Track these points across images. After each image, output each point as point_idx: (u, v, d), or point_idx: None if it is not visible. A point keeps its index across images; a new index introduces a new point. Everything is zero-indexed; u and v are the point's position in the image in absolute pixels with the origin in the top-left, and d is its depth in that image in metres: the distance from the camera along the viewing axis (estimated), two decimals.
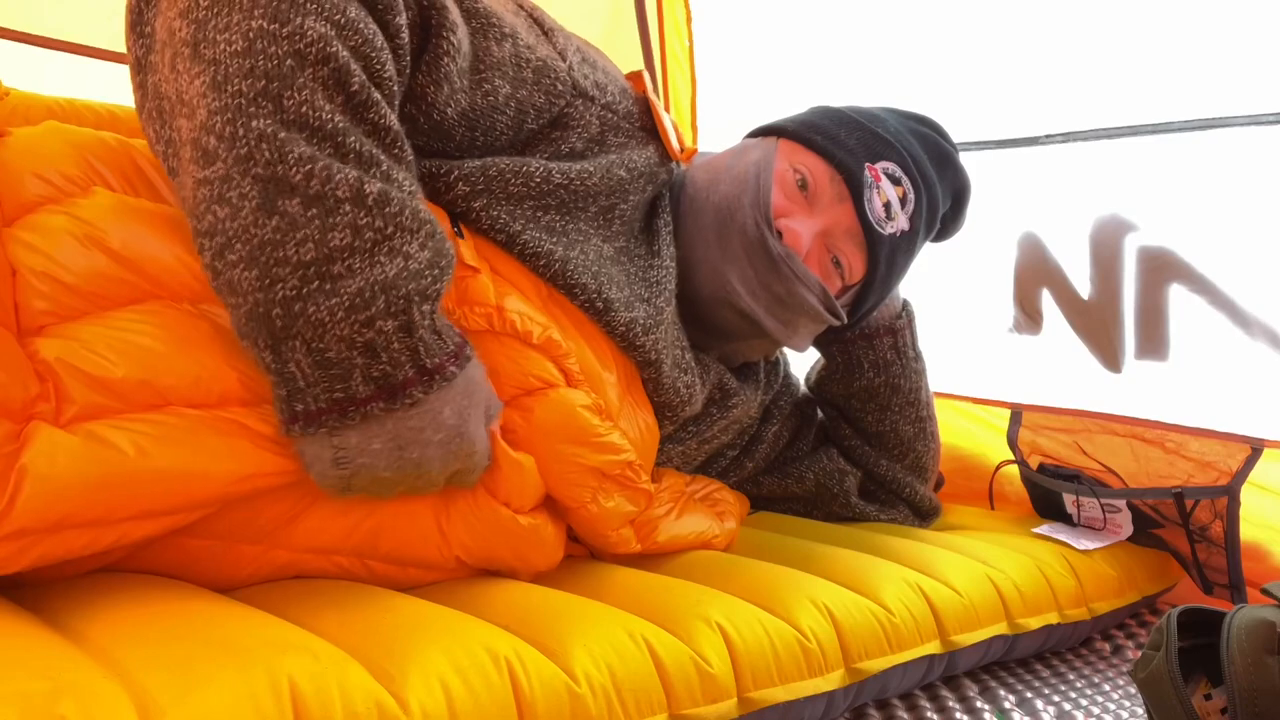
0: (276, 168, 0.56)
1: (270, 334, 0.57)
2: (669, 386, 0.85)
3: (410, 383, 0.59)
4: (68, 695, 0.45)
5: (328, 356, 0.57)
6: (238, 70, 0.56)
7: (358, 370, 0.58)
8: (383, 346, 0.58)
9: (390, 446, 0.60)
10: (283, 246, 0.56)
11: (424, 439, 0.61)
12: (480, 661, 0.55)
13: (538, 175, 0.76)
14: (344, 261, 0.57)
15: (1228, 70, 0.97)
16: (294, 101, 0.56)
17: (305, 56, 0.57)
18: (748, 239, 0.86)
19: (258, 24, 0.56)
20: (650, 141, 0.85)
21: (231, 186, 0.56)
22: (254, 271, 0.56)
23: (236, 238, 0.56)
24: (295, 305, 0.56)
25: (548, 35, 0.78)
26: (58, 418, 0.57)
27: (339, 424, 0.59)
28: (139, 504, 0.57)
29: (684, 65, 1.55)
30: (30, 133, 0.68)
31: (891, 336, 1.04)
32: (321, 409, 0.58)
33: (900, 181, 0.90)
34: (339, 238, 0.57)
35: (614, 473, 0.76)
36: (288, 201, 0.56)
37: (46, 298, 0.60)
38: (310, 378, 0.58)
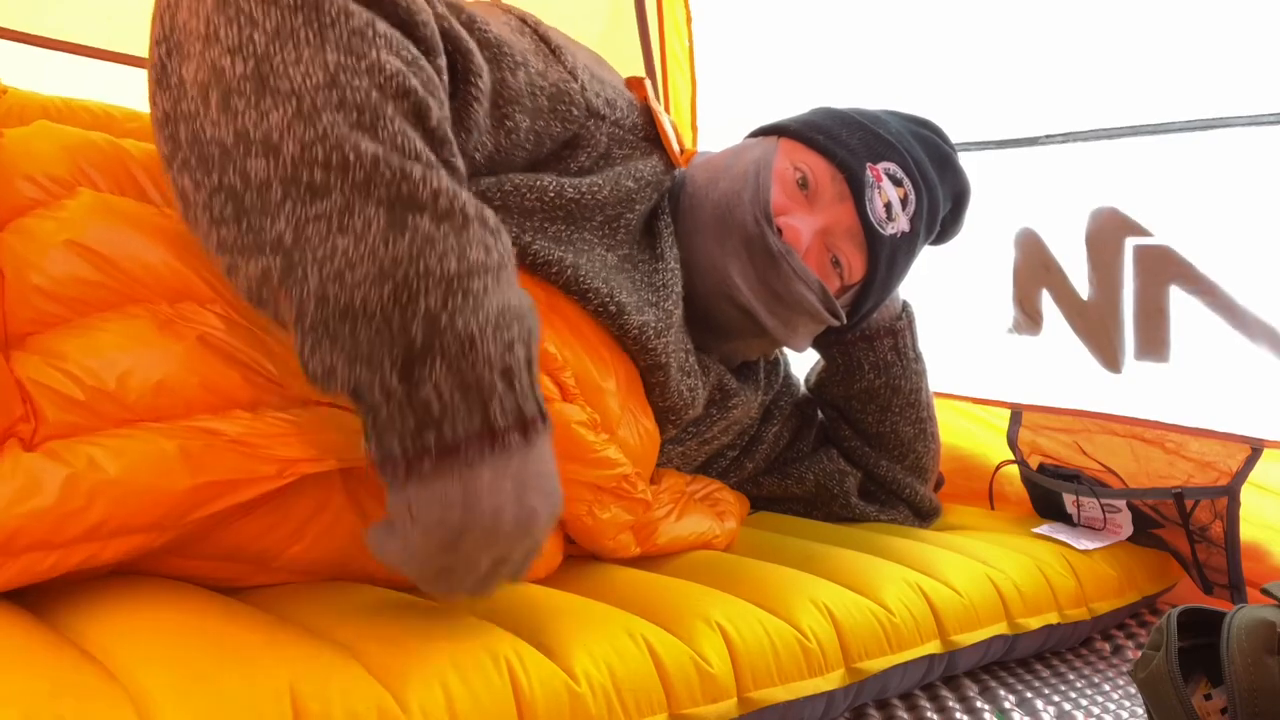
0: (401, 186, 0.53)
1: (406, 351, 0.51)
2: (675, 390, 0.85)
3: (535, 420, 0.55)
4: (68, 696, 0.45)
5: (469, 380, 0.52)
6: (325, 101, 0.53)
7: (497, 397, 0.53)
8: (518, 374, 0.54)
9: (517, 489, 0.54)
10: (423, 259, 0.52)
11: (541, 485, 0.55)
12: (480, 661, 0.55)
13: (551, 190, 0.76)
14: (482, 279, 0.54)
15: (1228, 70, 0.97)
16: (389, 131, 0.54)
17: (386, 90, 0.55)
18: (747, 235, 0.86)
19: (334, 57, 0.54)
20: (654, 150, 0.85)
21: (354, 214, 0.52)
22: (387, 287, 0.51)
23: (361, 259, 0.52)
24: (442, 318, 0.52)
25: (556, 54, 0.77)
26: (32, 438, 0.57)
27: (477, 457, 0.52)
28: (93, 521, 0.56)
29: (684, 65, 1.55)
30: (21, 134, 0.68)
31: (892, 338, 1.04)
32: (460, 439, 0.52)
33: (901, 182, 0.90)
34: (476, 254, 0.54)
35: (610, 486, 0.76)
36: (418, 218, 0.53)
37: (30, 305, 0.60)
38: (449, 403, 0.52)
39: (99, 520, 0.55)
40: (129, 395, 0.59)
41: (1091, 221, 1.08)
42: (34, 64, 1.13)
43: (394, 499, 0.54)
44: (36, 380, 0.58)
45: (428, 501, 0.52)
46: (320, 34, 0.55)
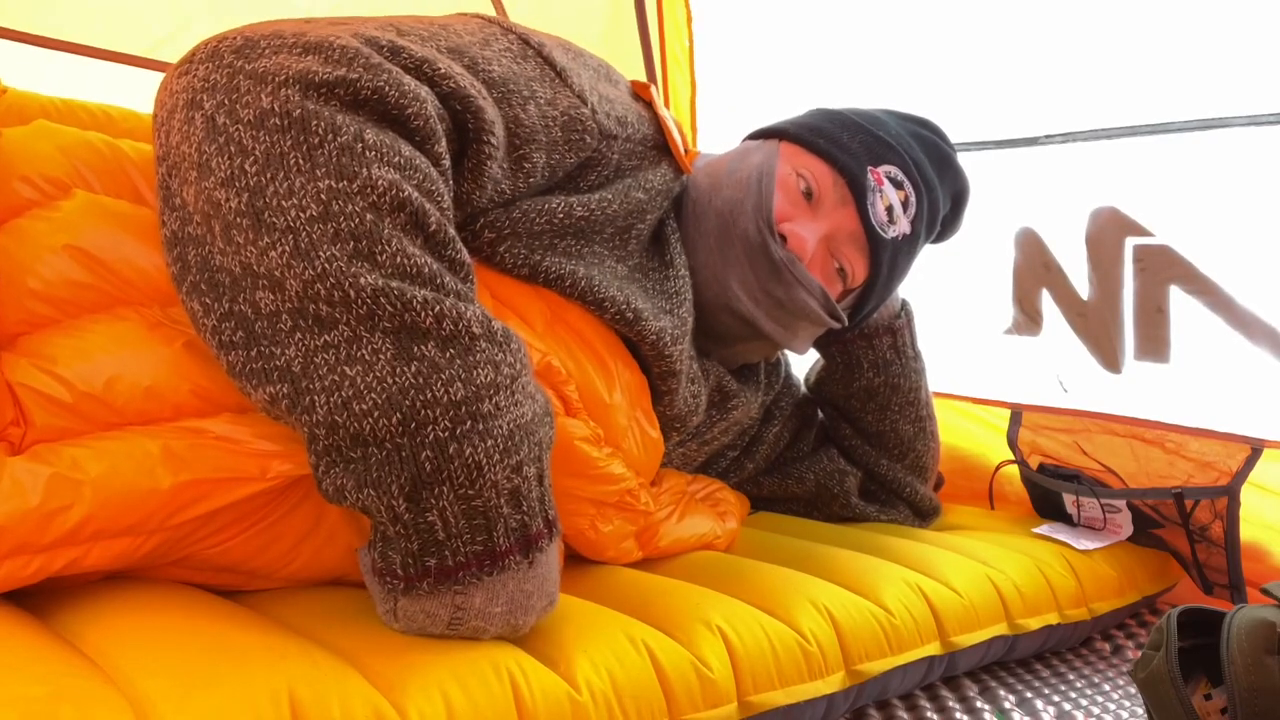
0: (404, 316, 0.54)
1: (413, 480, 0.53)
2: (682, 399, 0.85)
3: (541, 535, 0.57)
4: (66, 700, 0.45)
5: (475, 505, 0.54)
6: (321, 235, 0.54)
7: (502, 520, 0.55)
8: (525, 494, 0.56)
9: (507, 609, 0.56)
10: (429, 388, 0.53)
11: (531, 604, 0.58)
12: (481, 671, 0.55)
13: (560, 211, 0.76)
14: (491, 399, 0.55)
15: (1227, 71, 0.97)
16: (387, 254, 0.54)
17: (381, 208, 0.55)
18: (749, 244, 0.86)
19: (325, 184, 0.54)
20: (663, 158, 0.85)
21: (362, 345, 0.53)
22: (395, 417, 0.53)
23: (370, 389, 0.53)
24: (450, 447, 0.53)
25: (561, 77, 0.75)
26: (21, 442, 0.57)
27: (475, 579, 0.55)
28: (73, 522, 0.55)
29: (684, 65, 1.55)
30: (19, 134, 0.68)
31: (891, 336, 1.04)
32: (460, 563, 0.54)
33: (902, 185, 0.90)
34: (483, 375, 0.55)
35: (612, 501, 0.76)
36: (423, 346, 0.54)
37: (22, 307, 0.60)
38: (453, 529, 0.54)
39: (80, 521, 0.55)
40: (117, 399, 0.59)
41: (1091, 221, 1.08)
42: (34, 64, 1.13)
43: (382, 597, 0.57)
44: (26, 384, 0.58)
45: (415, 613, 0.56)
46: (310, 157, 0.55)
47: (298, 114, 0.55)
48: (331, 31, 0.61)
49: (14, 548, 0.54)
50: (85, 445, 0.57)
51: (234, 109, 0.56)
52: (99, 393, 0.59)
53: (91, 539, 0.56)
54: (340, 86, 0.57)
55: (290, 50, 0.58)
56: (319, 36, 0.60)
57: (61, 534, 0.55)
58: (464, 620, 0.56)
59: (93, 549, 0.57)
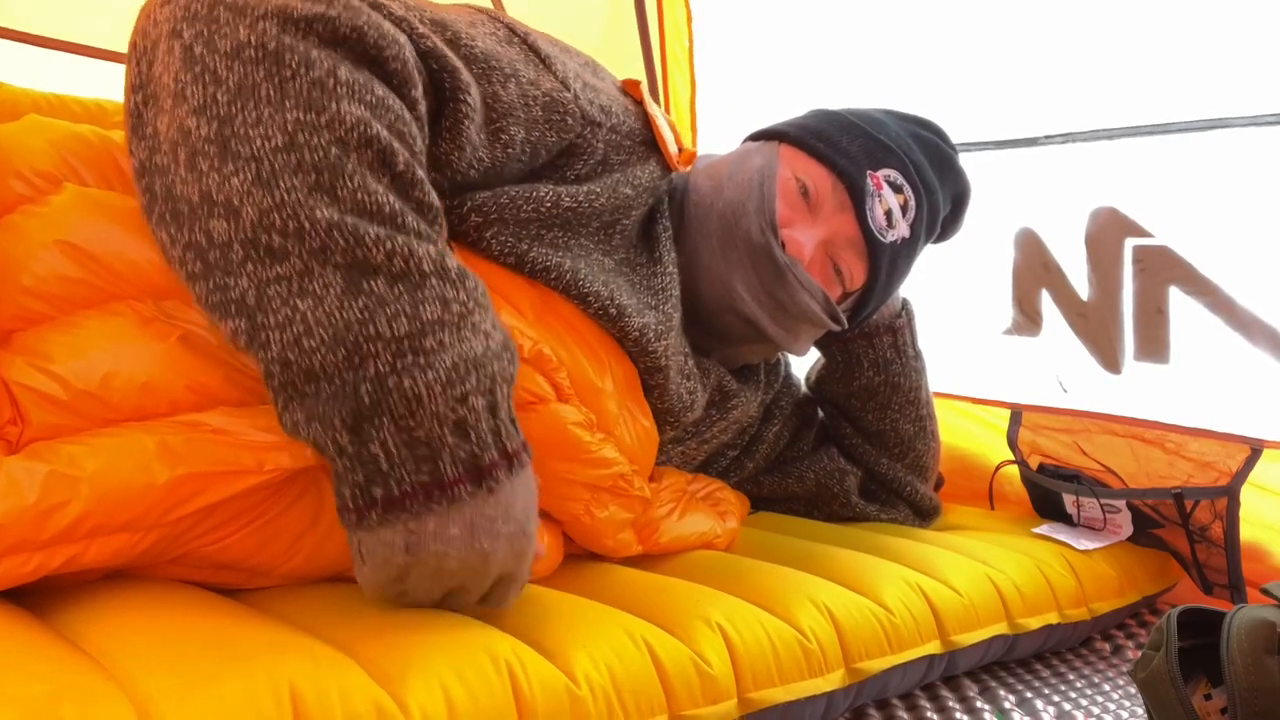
0: (356, 252, 0.55)
1: (354, 413, 0.54)
2: (674, 393, 0.85)
3: (495, 465, 0.57)
4: (67, 698, 0.45)
5: (417, 435, 0.55)
6: (284, 165, 0.55)
7: (447, 449, 0.56)
8: (473, 425, 0.56)
9: (465, 534, 0.57)
10: (373, 323, 0.54)
11: (495, 530, 0.58)
12: (480, 664, 0.55)
13: (548, 200, 0.76)
14: (435, 335, 0.56)
15: (1227, 71, 0.97)
16: (348, 190, 0.55)
17: (348, 142, 0.56)
18: (753, 247, 0.86)
19: (293, 115, 0.55)
20: (651, 155, 0.85)
21: (312, 278, 0.54)
22: (340, 352, 0.54)
23: (318, 324, 0.54)
24: (389, 380, 0.54)
25: (546, 64, 0.76)
26: (18, 440, 0.57)
27: (423, 509, 0.56)
28: (70, 519, 0.55)
29: (684, 66, 1.55)
30: (10, 129, 0.68)
31: (891, 335, 1.04)
32: (406, 492, 0.55)
33: (902, 189, 0.90)
34: (430, 311, 0.56)
35: (606, 485, 0.76)
36: (372, 282, 0.55)
37: (15, 303, 0.60)
38: (396, 457, 0.55)
39: (78, 517, 0.55)
40: (113, 396, 0.59)
41: (1091, 222, 1.08)
42: (34, 64, 1.13)
43: (350, 539, 0.58)
44: (22, 383, 0.58)
45: (373, 546, 0.57)
46: (280, 89, 0.56)
47: (273, 47, 0.56)
48: None
49: (12, 545, 0.54)
50: (82, 442, 0.57)
51: (211, 39, 0.57)
52: (95, 390, 0.58)
53: (89, 535, 0.56)
54: (319, 22, 0.58)
55: None
56: None
57: (59, 530, 0.55)
58: (422, 545, 0.56)
59: (90, 546, 0.57)
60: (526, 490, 0.60)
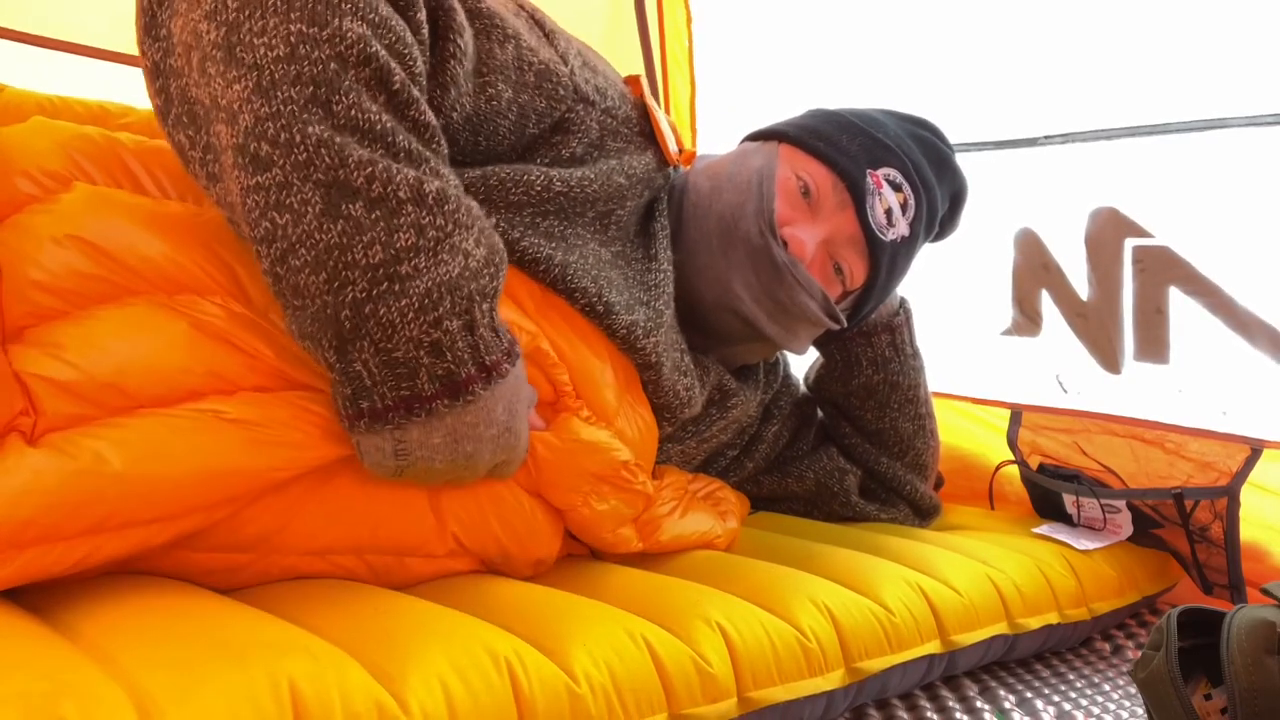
0: (338, 172, 0.56)
1: (337, 335, 0.58)
2: (668, 389, 0.85)
3: (472, 380, 0.61)
4: (68, 696, 0.45)
5: (395, 356, 0.58)
6: (284, 76, 0.56)
7: (424, 369, 0.59)
8: (448, 345, 0.59)
9: (448, 440, 0.62)
10: (350, 250, 0.56)
11: (478, 434, 0.63)
12: (480, 662, 0.55)
13: (538, 184, 0.76)
14: (410, 261, 0.58)
15: (1227, 71, 0.98)
16: (343, 105, 0.56)
17: (347, 59, 0.57)
18: (752, 247, 0.86)
19: (296, 27, 0.56)
20: (648, 147, 0.85)
21: (291, 192, 0.56)
22: (321, 275, 0.57)
23: (300, 243, 0.56)
24: (365, 307, 0.57)
25: (549, 38, 0.78)
26: (33, 431, 0.57)
27: (404, 420, 0.60)
28: (99, 515, 0.56)
29: (684, 66, 1.55)
30: (16, 130, 0.68)
31: (889, 334, 1.04)
32: (388, 406, 0.60)
33: (901, 187, 0.90)
34: (404, 238, 0.57)
35: (607, 474, 0.76)
36: (351, 205, 0.56)
37: (27, 300, 0.60)
38: (377, 376, 0.59)
39: (106, 514, 0.56)
40: (129, 384, 0.59)
41: (1091, 222, 1.08)
42: (34, 64, 1.13)
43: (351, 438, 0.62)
44: (35, 373, 0.57)
45: (366, 449, 0.62)
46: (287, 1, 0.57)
47: None
48: None
49: (38, 536, 0.55)
50: (102, 435, 0.57)
51: None
52: (110, 377, 0.58)
53: (114, 530, 0.57)
54: None
55: None
56: None
57: (85, 525, 0.56)
58: (408, 451, 0.61)
59: (112, 539, 0.58)
60: (509, 392, 0.64)
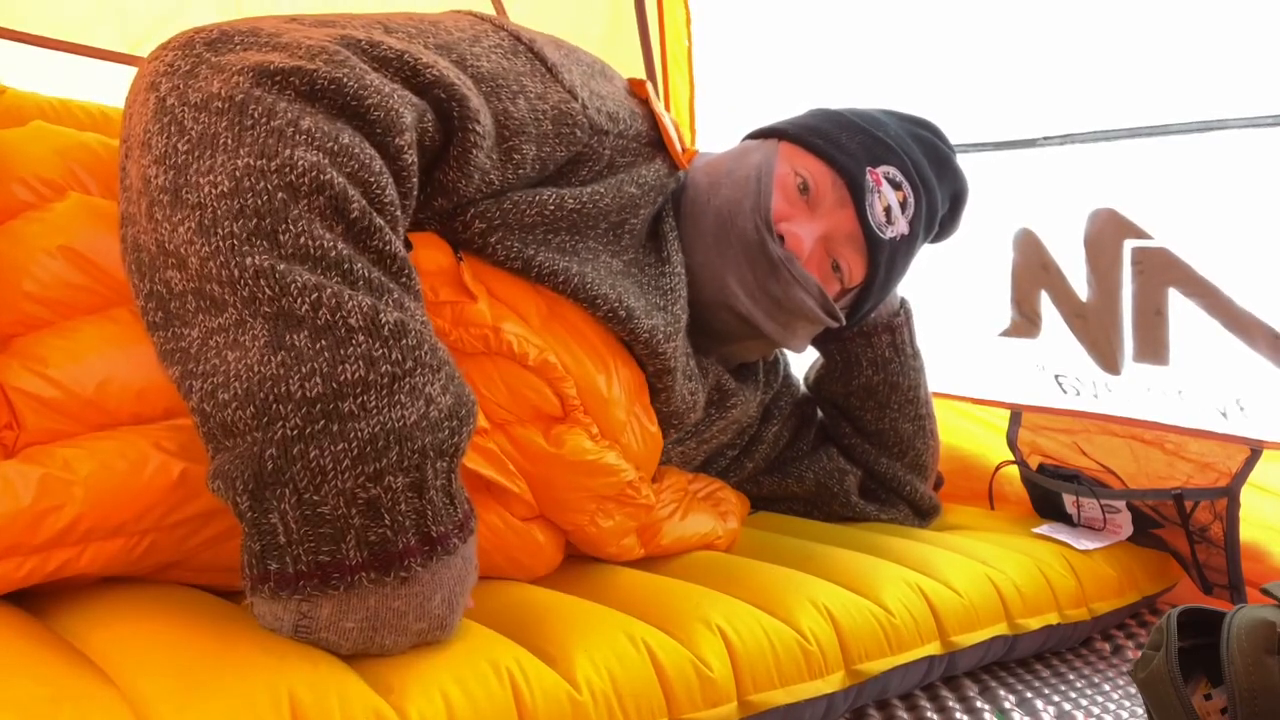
0: (281, 301, 0.51)
1: (256, 477, 0.50)
2: (679, 395, 0.85)
3: (409, 552, 0.52)
4: (68, 702, 0.46)
5: (320, 512, 0.50)
6: (225, 212, 0.52)
7: (353, 532, 0.51)
8: (387, 507, 0.51)
9: (364, 627, 0.52)
10: (286, 381, 0.50)
11: (403, 625, 0.53)
12: (481, 671, 0.55)
13: (551, 203, 0.75)
14: (356, 399, 0.51)
15: (1226, 72, 0.97)
16: (290, 234, 0.52)
17: (298, 188, 0.53)
18: (748, 243, 0.86)
19: (244, 161, 0.53)
20: (657, 154, 0.84)
21: (245, 330, 0.51)
22: (250, 409, 0.50)
23: (235, 376, 0.51)
24: (295, 447, 0.50)
25: (552, 73, 0.75)
26: (14, 444, 0.57)
27: (317, 592, 0.51)
28: (63, 521, 0.55)
29: (684, 66, 1.55)
30: (16, 135, 0.68)
31: (890, 334, 1.04)
32: (300, 573, 0.51)
33: (901, 186, 0.90)
34: (350, 370, 0.51)
35: (612, 494, 0.76)
36: (295, 335, 0.51)
37: (16, 309, 0.60)
38: (294, 534, 0.51)
39: (72, 520, 0.55)
40: (109, 401, 0.59)
41: (1090, 223, 1.08)
42: (34, 64, 1.13)
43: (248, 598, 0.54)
44: (18, 387, 0.58)
45: (263, 613, 0.54)
46: (239, 138, 0.54)
47: (239, 98, 0.55)
48: (309, 33, 0.60)
49: (6, 549, 0.54)
50: (78, 445, 0.57)
51: (185, 92, 0.56)
52: (90, 395, 0.59)
53: (84, 539, 0.56)
54: (296, 76, 0.56)
55: (260, 48, 0.58)
56: (293, 38, 0.59)
57: (54, 534, 0.55)
58: (312, 630, 0.52)
59: (85, 550, 0.57)
60: (454, 577, 0.55)
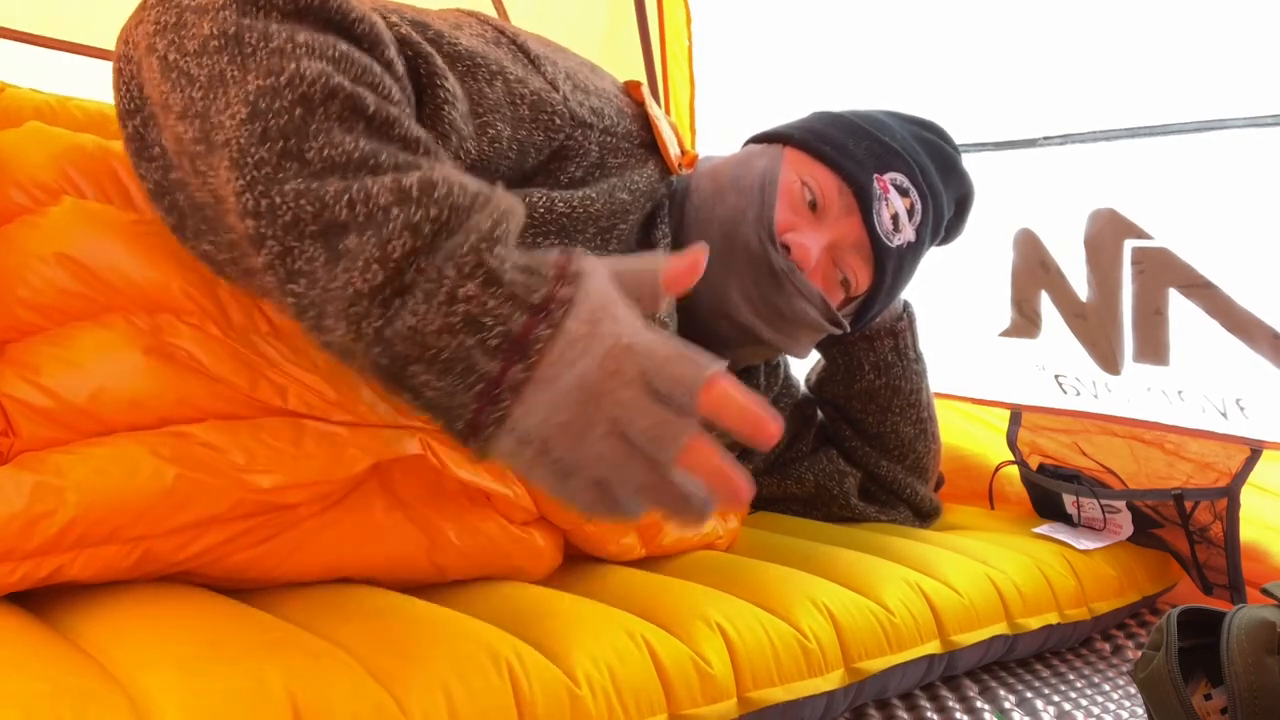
0: (324, 214, 0.51)
1: (394, 375, 0.51)
2: None
3: (530, 326, 0.50)
4: (67, 697, 0.45)
5: (443, 358, 0.50)
6: (249, 138, 0.52)
7: (475, 349, 0.50)
8: (479, 311, 0.50)
9: (559, 398, 0.50)
10: (352, 283, 0.50)
11: (609, 385, 0.50)
12: (480, 663, 0.55)
13: (540, 206, 0.75)
14: (413, 267, 0.51)
15: (1226, 72, 0.97)
16: (314, 149, 0.52)
17: (311, 99, 0.53)
18: (751, 254, 0.85)
19: (254, 84, 0.53)
20: (650, 157, 0.84)
21: (296, 256, 0.51)
22: (343, 325, 0.50)
23: (320, 302, 0.51)
24: (387, 332, 0.50)
25: (535, 64, 0.75)
26: (9, 452, 0.57)
27: (499, 411, 0.50)
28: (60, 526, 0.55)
29: (684, 66, 1.55)
30: (11, 137, 0.68)
31: (892, 338, 1.04)
32: (475, 411, 0.50)
33: (908, 193, 0.89)
34: (399, 245, 0.51)
35: None
36: (345, 241, 0.51)
37: (10, 315, 0.60)
38: (447, 388, 0.50)
39: (64, 525, 0.55)
40: (103, 410, 0.58)
41: (1090, 223, 1.08)
42: (34, 64, 1.13)
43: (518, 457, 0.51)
44: (11, 395, 0.58)
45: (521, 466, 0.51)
46: (242, 66, 0.54)
47: (232, 31, 0.55)
48: None
49: (1, 554, 0.54)
50: (72, 452, 0.57)
51: (181, 43, 0.55)
52: (84, 403, 0.58)
53: (76, 545, 0.56)
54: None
55: None
56: None
57: (46, 539, 0.55)
58: (540, 436, 0.50)
59: (78, 557, 0.56)
60: (597, 305, 0.52)
